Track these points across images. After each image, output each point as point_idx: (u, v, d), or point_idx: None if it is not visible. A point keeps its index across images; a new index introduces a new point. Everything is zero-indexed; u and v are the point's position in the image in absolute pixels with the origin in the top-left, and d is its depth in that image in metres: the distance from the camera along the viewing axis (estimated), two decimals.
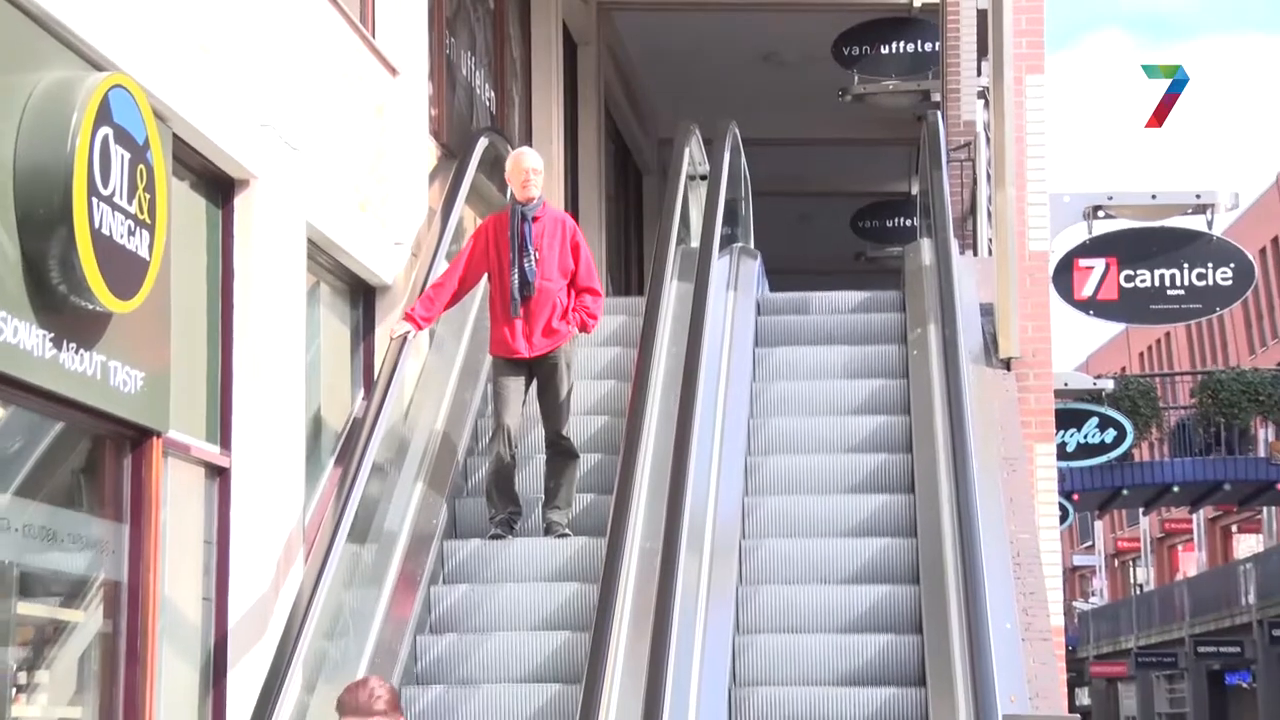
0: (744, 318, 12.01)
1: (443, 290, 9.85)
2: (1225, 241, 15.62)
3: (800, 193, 21.00)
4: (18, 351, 6.69)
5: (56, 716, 7.48)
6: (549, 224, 9.84)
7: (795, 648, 9.43)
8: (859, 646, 9.40)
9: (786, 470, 10.80)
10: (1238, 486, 31.29)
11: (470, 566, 9.83)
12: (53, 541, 7.48)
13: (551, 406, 9.75)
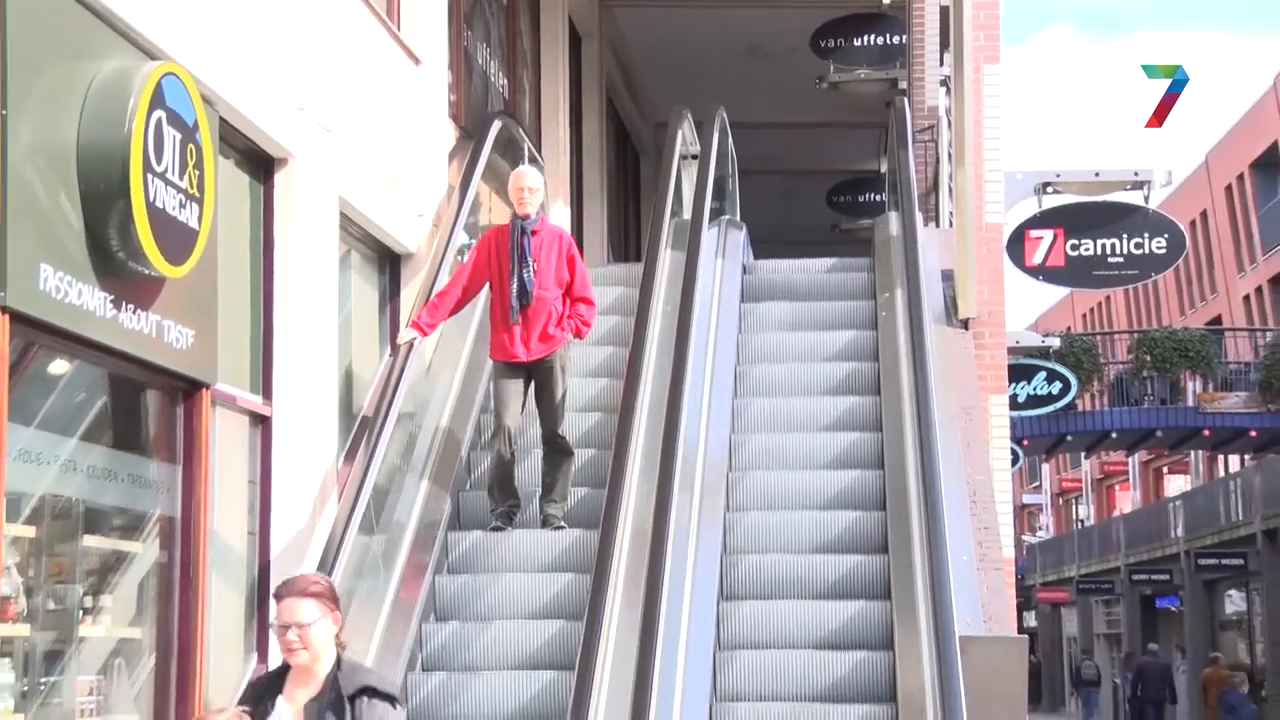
0: (731, 281, 12.03)
1: (446, 299, 9.62)
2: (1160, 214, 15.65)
3: (781, 171, 20.99)
4: (82, 312, 6.72)
5: (118, 636, 7.50)
6: (547, 238, 9.60)
7: (778, 566, 9.50)
8: (834, 566, 9.47)
9: (769, 412, 10.85)
10: (1169, 433, 31.37)
11: (472, 557, 9.62)
12: (114, 481, 7.50)
13: (548, 407, 9.54)
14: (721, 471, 10.00)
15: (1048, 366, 23.86)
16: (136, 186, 6.83)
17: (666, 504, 8.60)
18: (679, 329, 9.96)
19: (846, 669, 8.75)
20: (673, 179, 12.33)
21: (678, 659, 8.31)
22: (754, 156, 15.57)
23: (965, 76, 11.43)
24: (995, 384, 11.82)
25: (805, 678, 8.74)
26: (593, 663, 7.61)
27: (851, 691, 8.65)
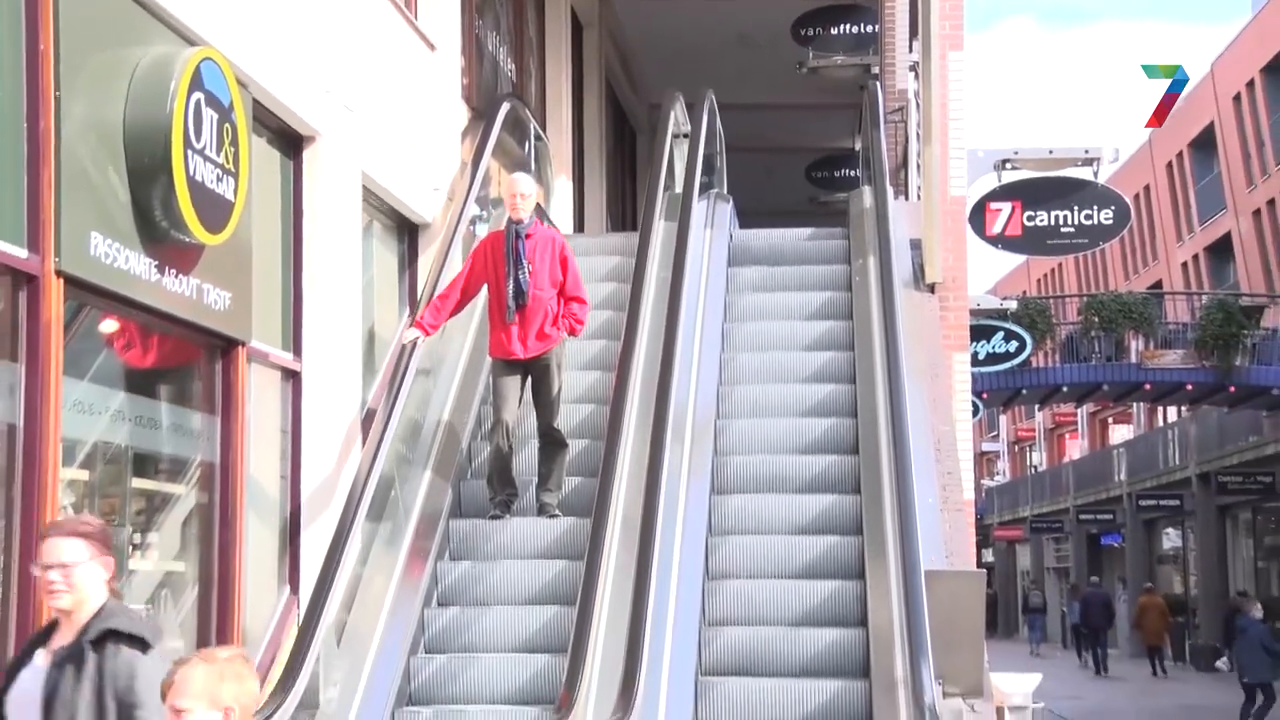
0: (719, 248, 11.99)
1: (447, 300, 9.21)
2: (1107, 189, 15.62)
3: (765, 149, 20.89)
4: (129, 276, 6.73)
5: (165, 569, 7.53)
6: (541, 241, 9.18)
7: (759, 505, 9.51)
8: (810, 504, 9.46)
9: (753, 365, 10.81)
10: (1114, 387, 31.37)
11: (472, 543, 9.26)
12: (159, 430, 7.52)
13: (544, 402, 9.19)
14: (710, 419, 9.99)
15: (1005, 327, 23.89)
16: (178, 162, 6.85)
17: (660, 448, 8.62)
18: (671, 291, 9.95)
19: (823, 596, 8.77)
20: (666, 156, 12.28)
21: (670, 587, 8.32)
22: (740, 135, 15.51)
23: (932, 63, 11.39)
24: (958, 343, 11.83)
25: (786, 604, 8.76)
26: (593, 597, 7.63)
27: (826, 619, 8.68)
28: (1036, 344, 26.95)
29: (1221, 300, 31.04)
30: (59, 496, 6.31)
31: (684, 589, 8.47)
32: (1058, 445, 64.89)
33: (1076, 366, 29.76)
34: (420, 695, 8.32)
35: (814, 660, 8.37)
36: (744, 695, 8.12)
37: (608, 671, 7.29)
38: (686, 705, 7.87)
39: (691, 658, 8.19)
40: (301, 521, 8.73)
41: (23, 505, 6.14)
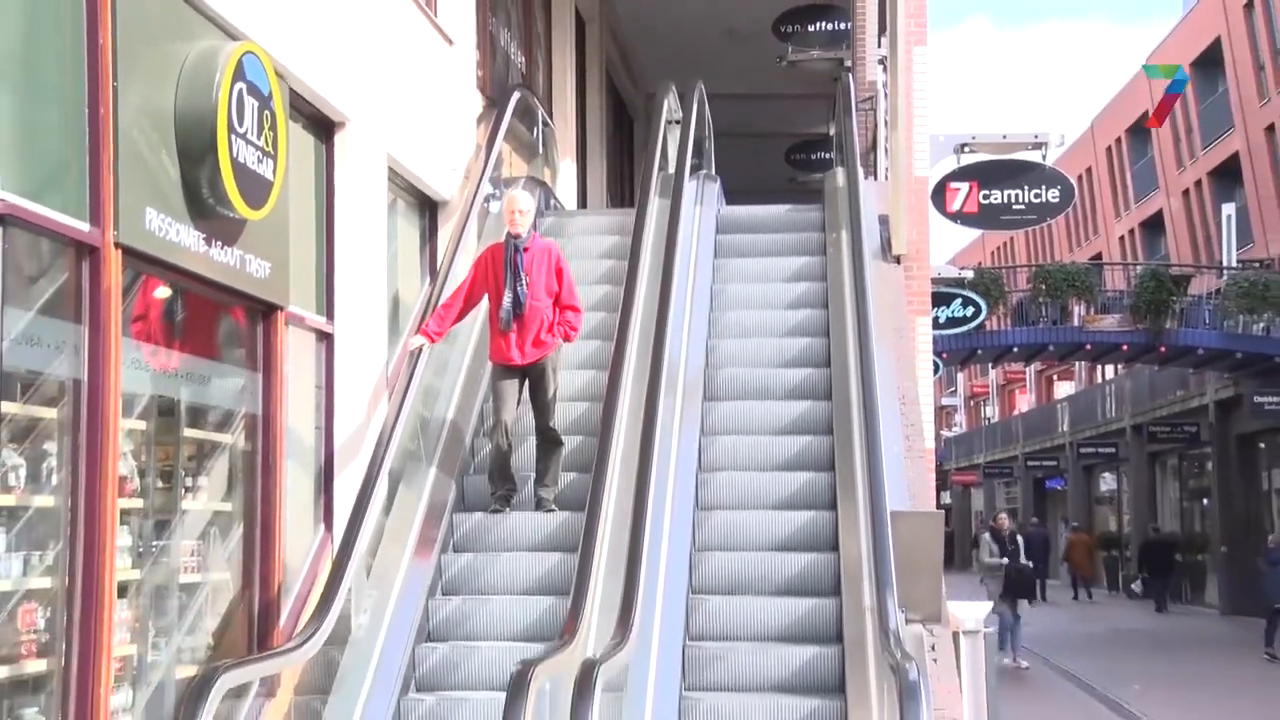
0: (708, 222, 11.97)
1: (451, 309, 8.94)
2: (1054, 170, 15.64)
3: (749, 134, 20.77)
4: (179, 247, 6.72)
5: (213, 509, 7.53)
6: (538, 253, 8.87)
7: (743, 445, 9.52)
8: (789, 443, 9.49)
9: (738, 323, 10.78)
10: (1059, 347, 31.40)
11: (474, 535, 8.95)
12: (208, 384, 7.52)
13: (541, 404, 8.89)
14: (700, 370, 10.00)
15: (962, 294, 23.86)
16: (223, 145, 6.82)
17: (655, 394, 8.64)
18: (665, 260, 9.95)
19: (799, 524, 8.82)
20: (660, 140, 12.26)
21: (664, 519, 8.36)
22: (727, 122, 15.47)
23: (899, 56, 11.34)
24: (920, 308, 11.82)
25: (767, 531, 8.81)
26: (595, 532, 7.64)
27: (802, 542, 8.73)
28: (990, 309, 26.97)
29: (1154, 270, 31.05)
30: (119, 444, 6.32)
31: (676, 519, 8.52)
32: (1008, 400, 65.09)
33: (1026, 329, 29.79)
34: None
35: (792, 580, 8.43)
36: (729, 611, 8.20)
37: (608, 598, 7.30)
38: (678, 623, 7.93)
39: (683, 579, 8.25)
40: (335, 468, 8.74)
41: (87, 451, 6.15)
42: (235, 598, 7.62)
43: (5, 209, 5.66)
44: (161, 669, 6.95)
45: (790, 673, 7.78)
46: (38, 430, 6.08)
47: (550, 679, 6.38)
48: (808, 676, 7.75)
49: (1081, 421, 44.78)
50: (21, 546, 5.93)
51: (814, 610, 8.14)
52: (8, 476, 5.83)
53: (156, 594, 6.97)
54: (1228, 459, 33.60)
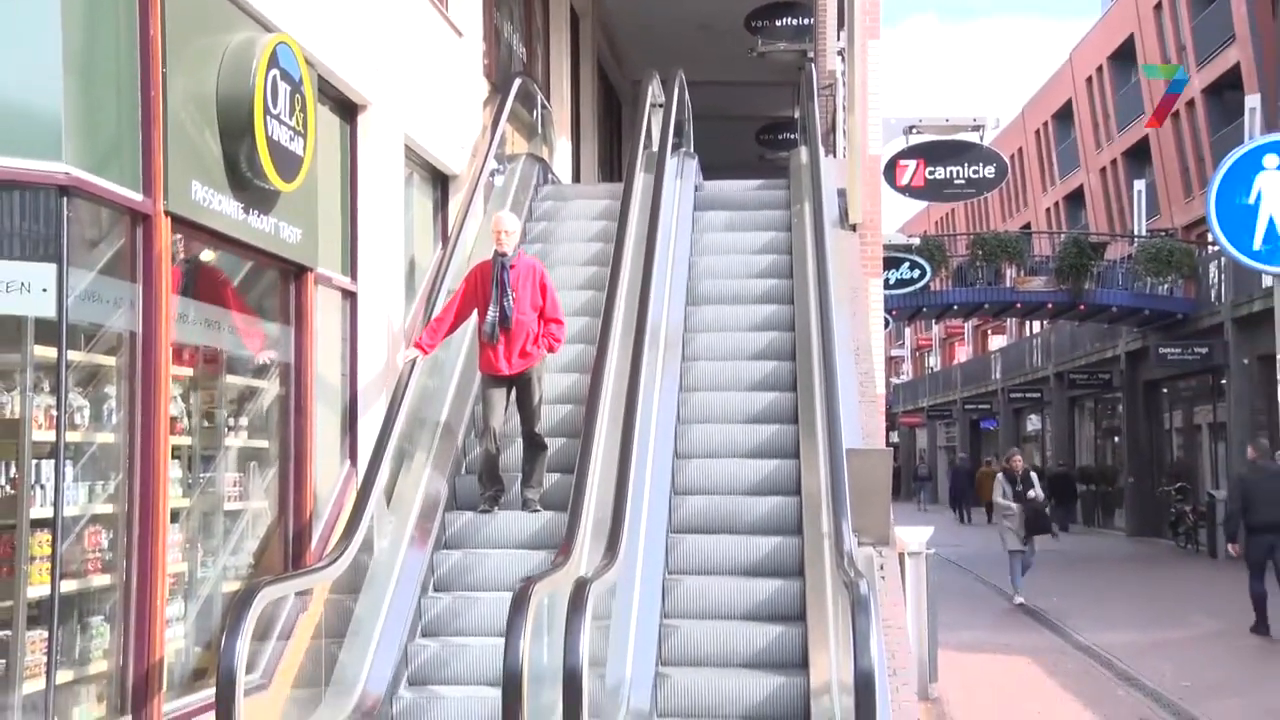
0: (687, 195, 11.93)
1: (442, 323, 8.52)
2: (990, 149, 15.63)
3: (723, 116, 20.62)
4: (222, 216, 6.68)
5: (252, 446, 7.52)
6: (523, 270, 8.42)
7: (717, 400, 9.50)
8: (757, 400, 9.48)
9: (713, 289, 10.75)
10: (993, 305, 31.37)
11: (464, 534, 8.50)
12: (248, 337, 7.50)
13: (527, 411, 8.46)
14: (679, 332, 9.98)
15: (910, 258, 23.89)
16: (259, 125, 6.77)
17: (640, 349, 8.62)
18: (649, 229, 9.91)
19: (766, 471, 8.82)
20: (645, 122, 12.21)
21: (647, 465, 8.36)
22: (704, 105, 15.39)
23: (855, 48, 11.31)
24: (873, 270, 11.80)
25: (738, 478, 8.81)
26: (588, 468, 7.65)
27: (769, 487, 8.74)
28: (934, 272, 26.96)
29: (1075, 238, 31.04)
30: (169, 389, 6.30)
31: (658, 465, 8.50)
32: (949, 351, 65.23)
33: (964, 290, 29.78)
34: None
35: (760, 520, 8.44)
36: (704, 547, 8.22)
37: (598, 532, 7.29)
38: (659, 556, 7.94)
39: (663, 520, 8.24)
40: (358, 410, 8.72)
41: (142, 395, 6.15)
42: (272, 523, 7.62)
43: (69, 181, 5.64)
44: (209, 584, 6.96)
45: (759, 602, 7.78)
46: (99, 376, 6.07)
47: (548, 595, 6.40)
48: (775, 605, 7.76)
49: (1011, 370, 44.97)
50: (87, 477, 5.93)
51: (780, 545, 8.15)
52: (74, 416, 5.81)
53: (204, 519, 6.97)
54: (1135, 402, 33.80)
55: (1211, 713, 9.76)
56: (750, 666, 7.35)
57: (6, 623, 5.53)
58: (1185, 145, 35.41)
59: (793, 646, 7.36)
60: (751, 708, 7.05)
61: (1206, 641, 13.52)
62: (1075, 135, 45.05)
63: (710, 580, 7.95)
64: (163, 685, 6.17)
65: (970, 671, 11.45)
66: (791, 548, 8.09)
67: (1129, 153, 39.81)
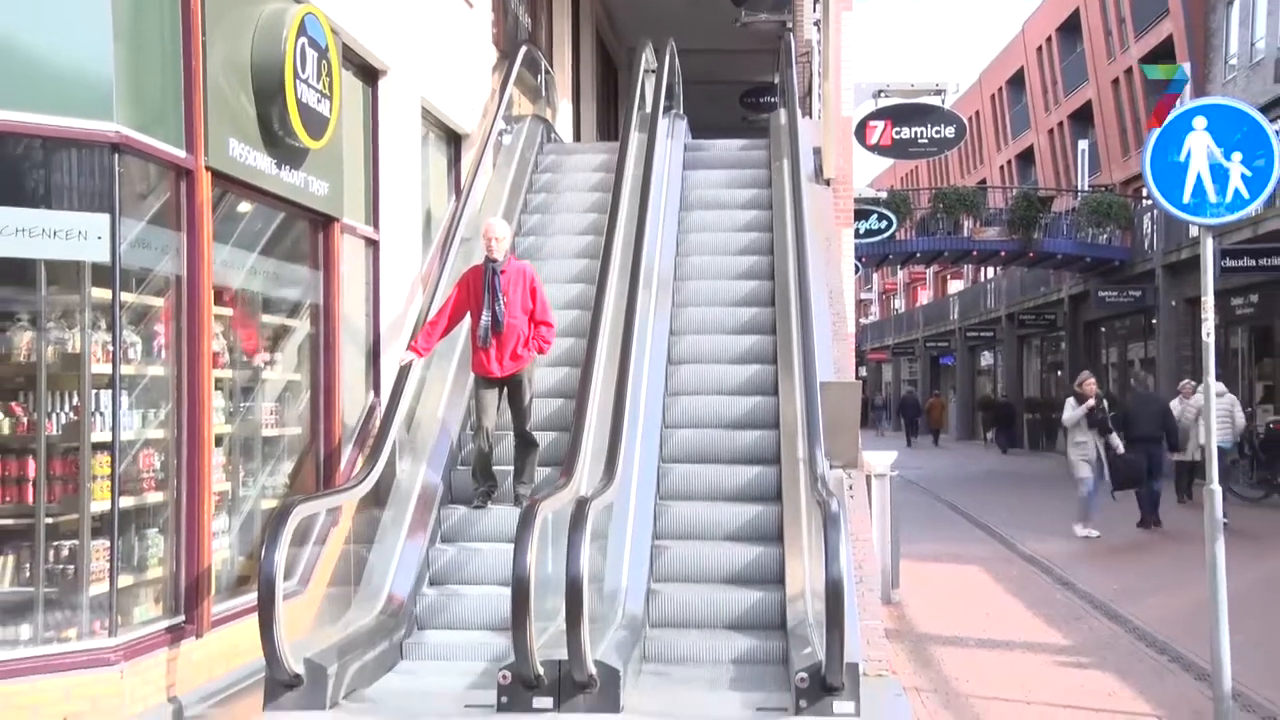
0: (677, 153, 11.86)
1: (436, 327, 7.97)
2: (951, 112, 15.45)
3: (710, 81, 20.39)
4: (256, 170, 6.64)
5: (286, 379, 7.53)
6: (513, 275, 7.90)
7: (704, 342, 9.47)
8: (740, 342, 9.45)
9: (700, 242, 10.69)
10: (952, 253, 31.33)
11: (459, 528, 7.95)
12: (282, 280, 7.47)
13: (518, 410, 7.97)
14: (669, 279, 9.95)
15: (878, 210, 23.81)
16: (290, 87, 6.71)
17: (635, 291, 8.59)
18: (643, 183, 9.84)
19: (748, 407, 8.82)
20: (639, 86, 12.09)
21: (640, 399, 8.38)
22: (693, 71, 15.24)
23: (830, 20, 11.18)
24: (845, 221, 11.76)
25: (723, 412, 8.80)
26: (587, 396, 7.65)
27: (751, 422, 8.74)
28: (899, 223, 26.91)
29: (1025, 193, 31.00)
30: (211, 327, 6.30)
31: (650, 400, 8.50)
32: (912, 294, 65.21)
33: (926, 239, 29.73)
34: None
35: (742, 450, 8.46)
36: (692, 475, 8.24)
37: (596, 460, 7.28)
38: (651, 483, 7.97)
39: (655, 450, 8.26)
40: (380, 347, 8.72)
41: (188, 332, 6.15)
42: (305, 447, 7.64)
43: (120, 139, 5.61)
44: (250, 502, 7.00)
45: (742, 524, 7.81)
46: (149, 315, 6.07)
47: (551, 512, 6.43)
48: (756, 527, 7.79)
49: (968, 312, 45.03)
50: (140, 405, 5.95)
51: (761, 473, 8.17)
52: (128, 351, 5.82)
53: (244, 444, 7.00)
54: (1077, 340, 33.92)
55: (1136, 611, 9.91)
56: (733, 581, 7.40)
57: (74, 533, 5.58)
58: (1124, 109, 35.28)
59: (771, 562, 7.40)
60: (734, 615, 7.11)
61: (1133, 550, 13.67)
62: (1026, 100, 44.79)
63: (697, 505, 7.97)
64: (211, 590, 6.23)
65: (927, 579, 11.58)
66: (771, 476, 8.12)
67: (1074, 116, 39.68)
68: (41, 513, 5.53)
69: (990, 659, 8.12)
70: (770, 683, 6.34)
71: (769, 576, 7.35)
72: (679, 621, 7.13)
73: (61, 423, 5.62)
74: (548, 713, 5.79)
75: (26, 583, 5.54)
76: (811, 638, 6.18)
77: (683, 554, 7.53)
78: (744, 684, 6.38)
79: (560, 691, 5.83)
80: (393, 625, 7.02)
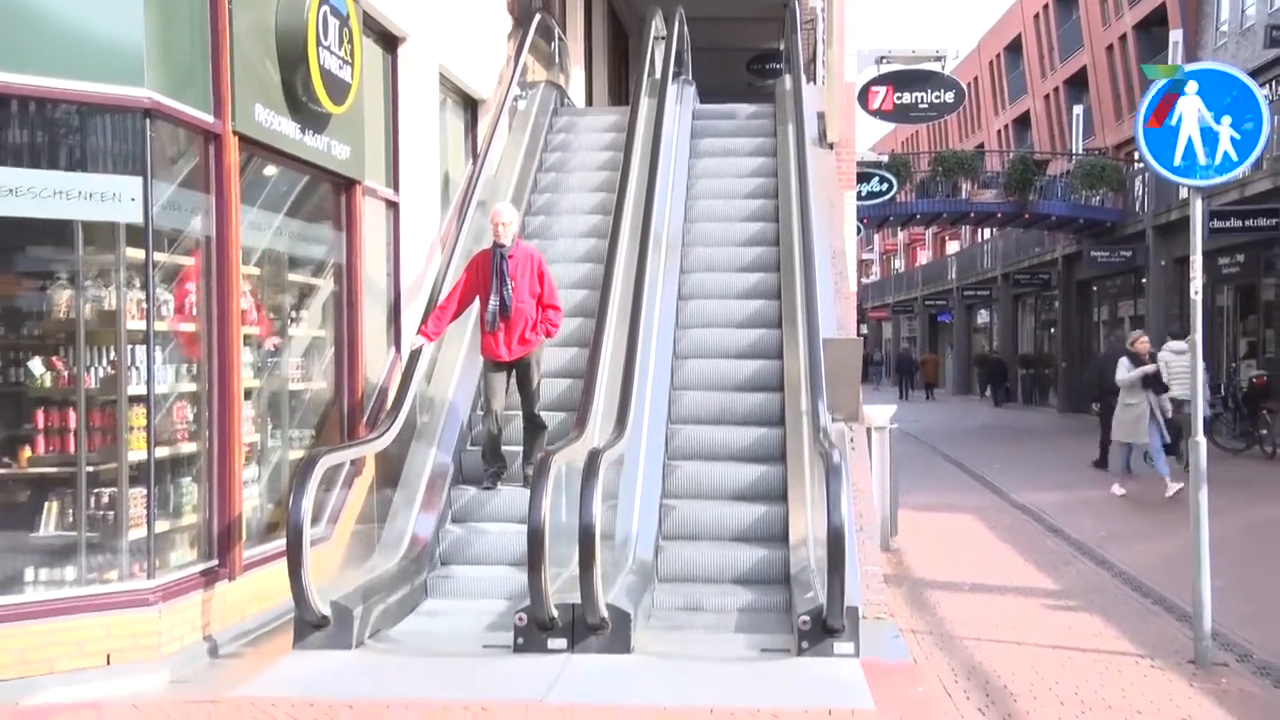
0: (685, 117, 11.79)
1: (446, 312, 7.77)
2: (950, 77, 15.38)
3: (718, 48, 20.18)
4: (282, 135, 6.63)
5: (311, 335, 7.55)
6: (521, 259, 7.67)
7: (711, 305, 9.43)
8: (747, 307, 9.37)
9: (709, 208, 10.60)
10: (950, 214, 31.10)
11: (469, 508, 7.81)
12: (307, 241, 7.47)
13: (526, 393, 7.80)
14: (678, 242, 9.90)
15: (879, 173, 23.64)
16: (313, 54, 6.68)
17: (645, 252, 8.57)
18: (653, 148, 9.79)
19: (754, 370, 8.77)
20: (649, 53, 12.01)
21: (650, 356, 8.37)
22: (701, 38, 15.10)
23: None
24: (847, 184, 11.67)
25: (728, 375, 8.76)
26: (599, 355, 7.65)
27: (756, 384, 8.70)
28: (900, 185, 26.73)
29: (1022, 156, 30.77)
30: (240, 285, 6.31)
31: (659, 362, 8.49)
32: (912, 255, 64.92)
33: (926, 201, 29.55)
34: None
35: (748, 413, 8.43)
36: (698, 436, 8.22)
37: (607, 417, 7.31)
38: (659, 441, 7.97)
39: (663, 411, 8.25)
40: (401, 305, 8.73)
41: (218, 290, 6.16)
42: (329, 401, 7.68)
43: (152, 104, 5.60)
44: (278, 452, 7.04)
45: (748, 483, 7.80)
46: (180, 274, 6.07)
47: (565, 463, 6.47)
48: (761, 487, 7.78)
49: (965, 271, 44.83)
50: (173, 360, 5.97)
51: (765, 435, 8.16)
52: (160, 309, 5.84)
53: (272, 398, 7.03)
54: (1070, 299, 33.81)
55: (1122, 556, 9.95)
56: (740, 538, 7.38)
57: (113, 481, 5.64)
58: (1118, 75, 34.95)
59: (776, 520, 7.40)
60: (740, 570, 7.10)
61: (1121, 500, 13.69)
62: (1023, 66, 44.37)
63: (703, 465, 7.95)
64: (242, 535, 6.29)
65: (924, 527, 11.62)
66: (775, 439, 8.10)
67: (1069, 81, 39.32)
68: (83, 462, 5.58)
69: (983, 602, 8.17)
70: (774, 627, 6.40)
71: (774, 534, 7.36)
72: (687, 576, 7.15)
73: (99, 376, 5.66)
74: (562, 653, 5.85)
75: (70, 527, 5.60)
76: (813, 583, 6.22)
77: (690, 512, 7.53)
78: (749, 628, 6.44)
79: (574, 633, 5.89)
80: (414, 569, 7.08)
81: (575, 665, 5.69)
